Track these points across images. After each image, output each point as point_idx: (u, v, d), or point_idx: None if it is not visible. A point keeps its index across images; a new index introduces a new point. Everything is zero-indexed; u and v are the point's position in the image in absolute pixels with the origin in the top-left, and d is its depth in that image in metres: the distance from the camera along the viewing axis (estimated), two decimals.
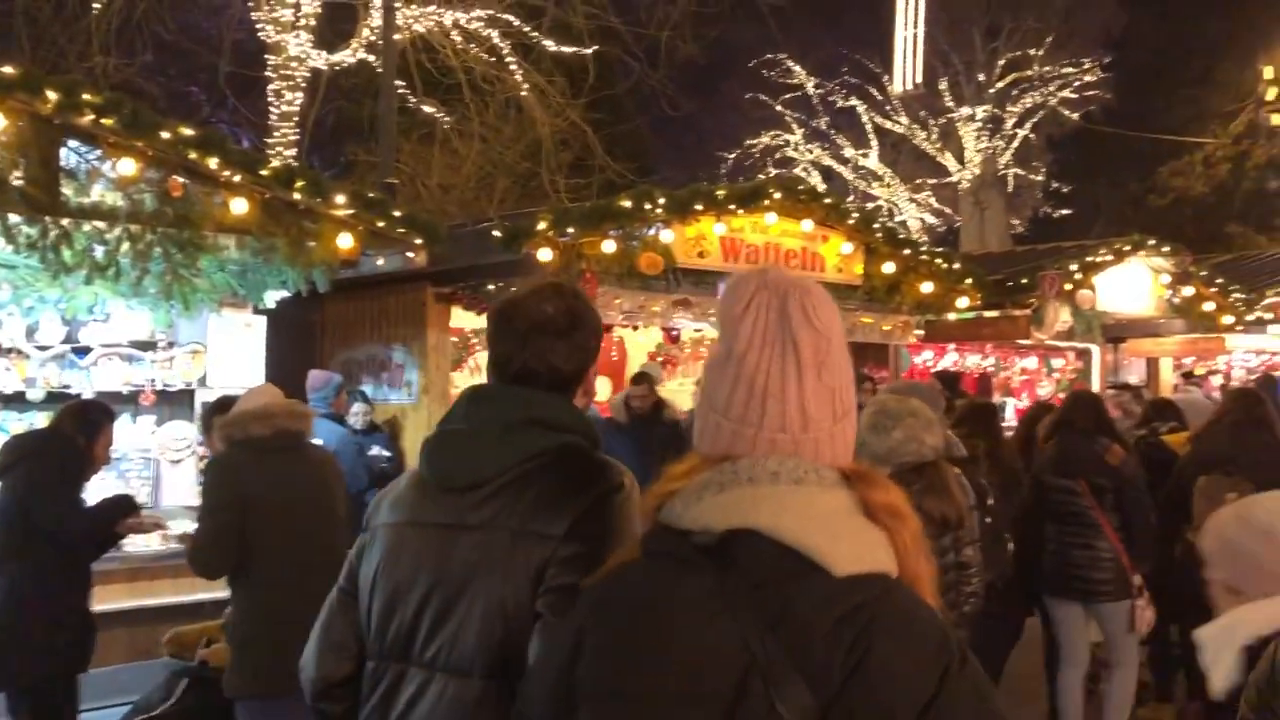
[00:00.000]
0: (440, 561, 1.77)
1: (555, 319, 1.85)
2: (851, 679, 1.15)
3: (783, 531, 1.24)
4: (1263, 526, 2.31)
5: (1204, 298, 12.25)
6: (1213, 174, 28.22)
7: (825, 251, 8.87)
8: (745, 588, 1.23)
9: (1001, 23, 27.98)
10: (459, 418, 1.88)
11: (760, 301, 1.34)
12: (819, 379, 1.32)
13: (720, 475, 1.30)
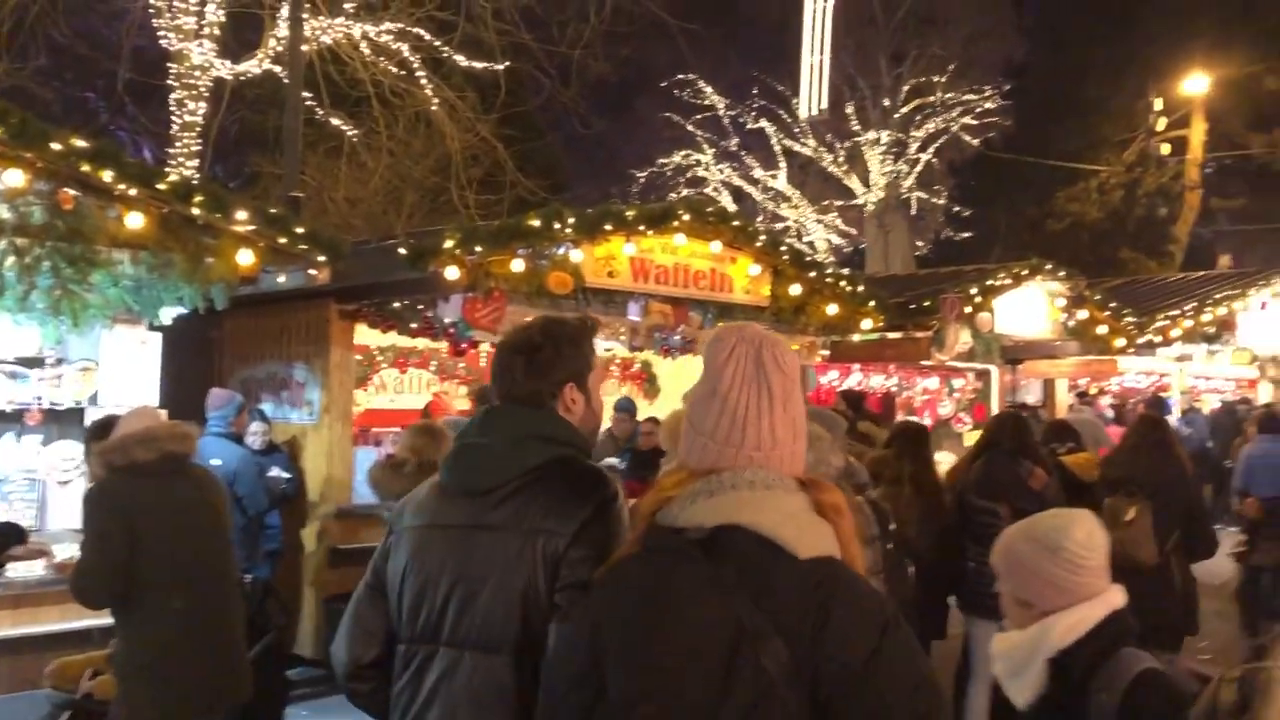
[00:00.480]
0: (463, 557, 2.08)
1: (539, 345, 2.20)
2: (817, 636, 1.55)
3: (760, 526, 1.64)
4: (1047, 543, 2.39)
5: (1097, 321, 12.67)
6: (1107, 200, 29.29)
7: (734, 273, 8.95)
8: (732, 570, 1.61)
9: (906, 49, 28.72)
10: (475, 433, 2.20)
11: (740, 352, 1.77)
12: (784, 410, 1.76)
13: (709, 484, 1.70)
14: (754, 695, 1.53)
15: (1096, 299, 12.73)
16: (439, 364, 10.10)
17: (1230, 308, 14.88)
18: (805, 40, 14.50)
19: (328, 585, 7.30)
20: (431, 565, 2.11)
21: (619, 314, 8.24)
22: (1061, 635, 2.32)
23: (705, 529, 1.66)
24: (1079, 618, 2.33)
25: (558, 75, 16.33)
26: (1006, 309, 11.89)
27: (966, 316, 11.14)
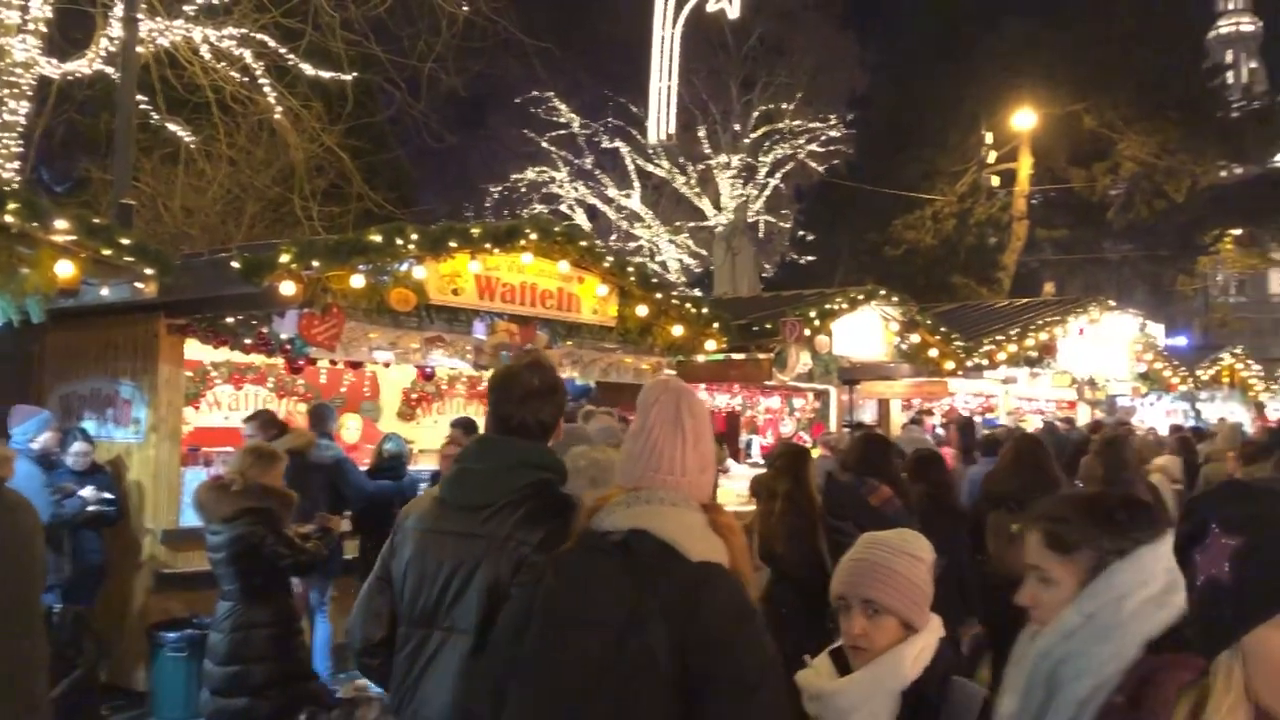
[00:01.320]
0: (456, 558, 2.55)
1: (538, 389, 2.69)
2: (691, 618, 2.02)
3: (662, 532, 2.13)
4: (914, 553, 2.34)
5: (929, 344, 13.24)
6: (941, 228, 30.66)
7: (581, 293, 9.00)
8: (637, 565, 2.10)
9: (756, 76, 29.45)
10: (472, 459, 2.71)
11: (664, 400, 2.29)
12: (694, 447, 2.26)
13: (629, 498, 2.20)
14: (638, 660, 2.02)
15: (928, 323, 13.30)
16: (277, 381, 9.81)
17: (1051, 333, 15.78)
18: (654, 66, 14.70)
19: (152, 612, 6.96)
20: (429, 563, 2.59)
21: (464, 332, 8.17)
22: (913, 665, 2.21)
23: (622, 531, 2.17)
24: (924, 644, 2.25)
25: (408, 88, 16.07)
26: (844, 332, 12.31)
27: (806, 339, 11.50)
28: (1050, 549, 1.89)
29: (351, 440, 9.41)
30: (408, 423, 10.70)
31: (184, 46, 14.34)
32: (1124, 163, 30.03)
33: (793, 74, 28.93)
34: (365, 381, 10.53)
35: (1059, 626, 1.85)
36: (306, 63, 15.00)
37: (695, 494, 2.24)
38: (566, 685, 2.07)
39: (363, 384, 10.52)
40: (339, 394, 10.24)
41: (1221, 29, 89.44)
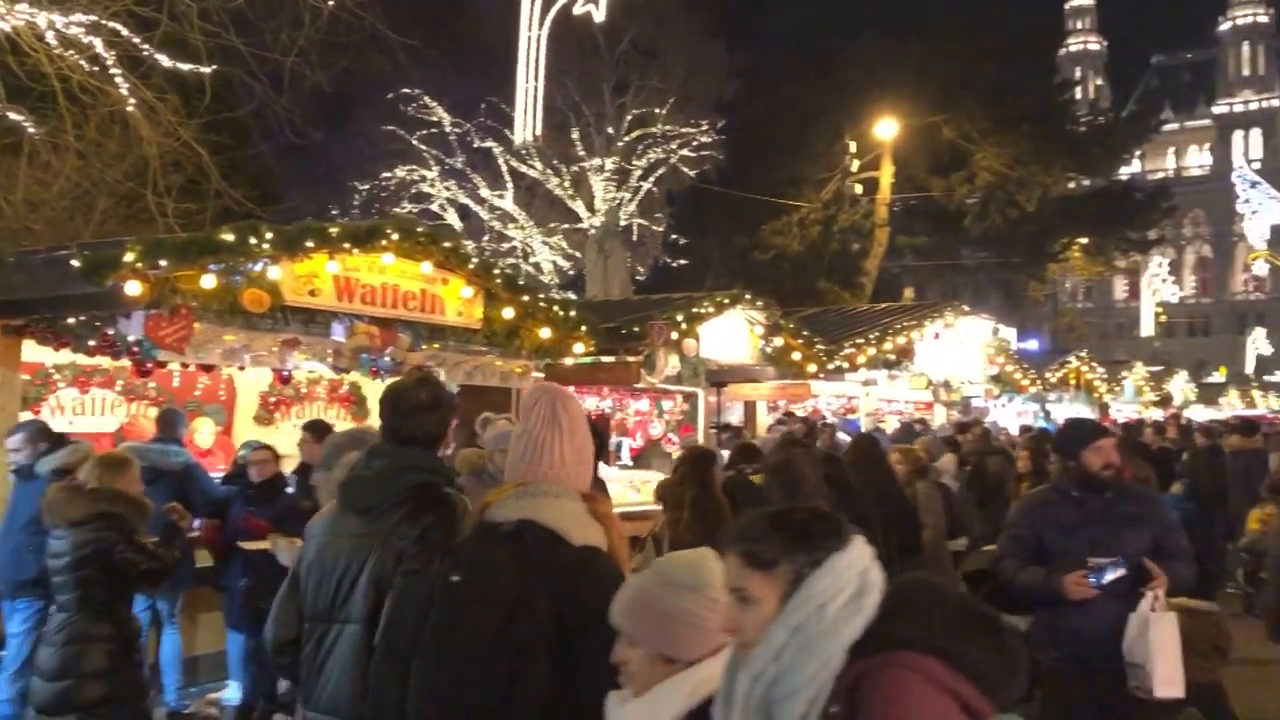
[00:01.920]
0: (350, 556, 2.85)
1: (426, 403, 3.02)
2: (574, 594, 2.36)
3: (548, 521, 2.47)
4: (688, 581, 2.17)
5: (792, 347, 13.54)
6: (807, 234, 31.42)
7: (446, 294, 8.90)
8: (526, 550, 2.43)
9: (629, 80, 29.65)
10: (363, 467, 3.01)
11: (543, 401, 2.62)
12: (570, 443, 2.59)
13: (518, 492, 2.54)
14: (527, 633, 2.36)
15: (791, 327, 13.61)
16: (125, 384, 9.41)
17: (909, 336, 16.32)
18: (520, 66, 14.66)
19: None
20: (328, 564, 2.90)
21: (322, 334, 7.98)
22: (691, 695, 2.10)
23: (513, 522, 2.49)
24: (709, 674, 2.09)
25: (270, 82, 15.61)
26: (711, 335, 12.50)
27: (674, 342, 11.62)
28: (751, 568, 1.89)
29: (205, 445, 9.09)
30: (265, 427, 10.39)
31: (27, 32, 13.63)
32: (980, 173, 31.33)
33: (664, 79, 29.23)
34: (220, 385, 10.19)
35: (768, 647, 1.83)
36: (162, 53, 14.43)
37: (575, 485, 2.59)
38: (465, 657, 2.41)
39: (218, 387, 10.19)
40: (193, 398, 9.89)
41: (1070, 46, 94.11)
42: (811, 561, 1.85)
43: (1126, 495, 4.32)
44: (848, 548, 1.88)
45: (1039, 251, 35.37)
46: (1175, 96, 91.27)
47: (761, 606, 1.86)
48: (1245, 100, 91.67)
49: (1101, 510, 4.22)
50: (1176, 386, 32.05)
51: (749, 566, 1.89)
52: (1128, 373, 27.43)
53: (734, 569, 1.92)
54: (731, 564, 1.93)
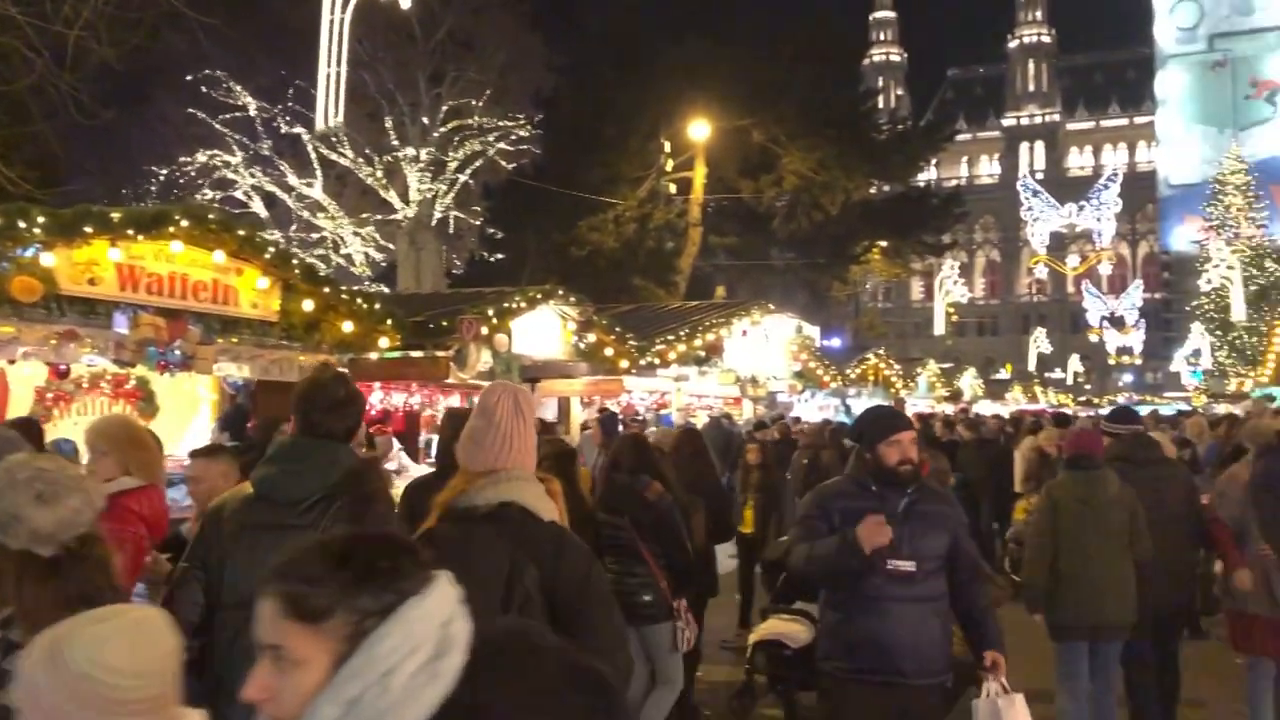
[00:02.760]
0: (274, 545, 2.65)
1: (343, 399, 3.14)
2: (555, 564, 2.75)
3: (525, 501, 2.83)
4: (78, 670, 1.63)
5: (604, 343, 13.65)
6: (622, 232, 31.73)
7: (240, 285, 8.53)
8: (509, 528, 2.76)
9: (445, 71, 29.15)
10: (283, 459, 3.08)
11: (506, 398, 2.96)
12: (530, 433, 2.96)
13: (493, 479, 2.85)
14: (521, 599, 2.67)
15: (604, 323, 13.71)
16: None
17: (718, 333, 16.73)
18: (323, 51, 14.15)
19: None
20: (250, 551, 2.91)
21: (103, 326, 7.52)
22: None
23: (492, 505, 2.81)
24: None
25: (51, 56, 14.60)
26: (524, 331, 12.44)
27: (485, 337, 11.51)
28: (293, 618, 1.38)
29: None
30: (44, 425, 9.69)
31: None
32: (787, 176, 32.40)
33: (481, 70, 28.85)
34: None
35: None
36: None
37: (531, 468, 2.97)
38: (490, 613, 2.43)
39: None
40: None
41: (874, 57, 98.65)
42: (379, 609, 1.38)
43: (926, 494, 4.03)
44: (428, 591, 1.42)
45: (842, 253, 36.88)
46: (969, 108, 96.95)
47: (306, 672, 1.37)
48: (1030, 114, 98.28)
49: (904, 509, 3.90)
50: (966, 383, 34.11)
51: (291, 617, 1.38)
52: (922, 369, 28.97)
53: (270, 620, 1.40)
54: (267, 612, 1.41)
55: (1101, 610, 5.52)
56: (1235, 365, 48.91)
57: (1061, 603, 5.57)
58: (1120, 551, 5.52)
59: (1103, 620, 5.54)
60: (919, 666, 3.85)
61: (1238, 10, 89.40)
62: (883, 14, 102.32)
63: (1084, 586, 5.49)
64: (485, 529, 2.77)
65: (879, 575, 3.82)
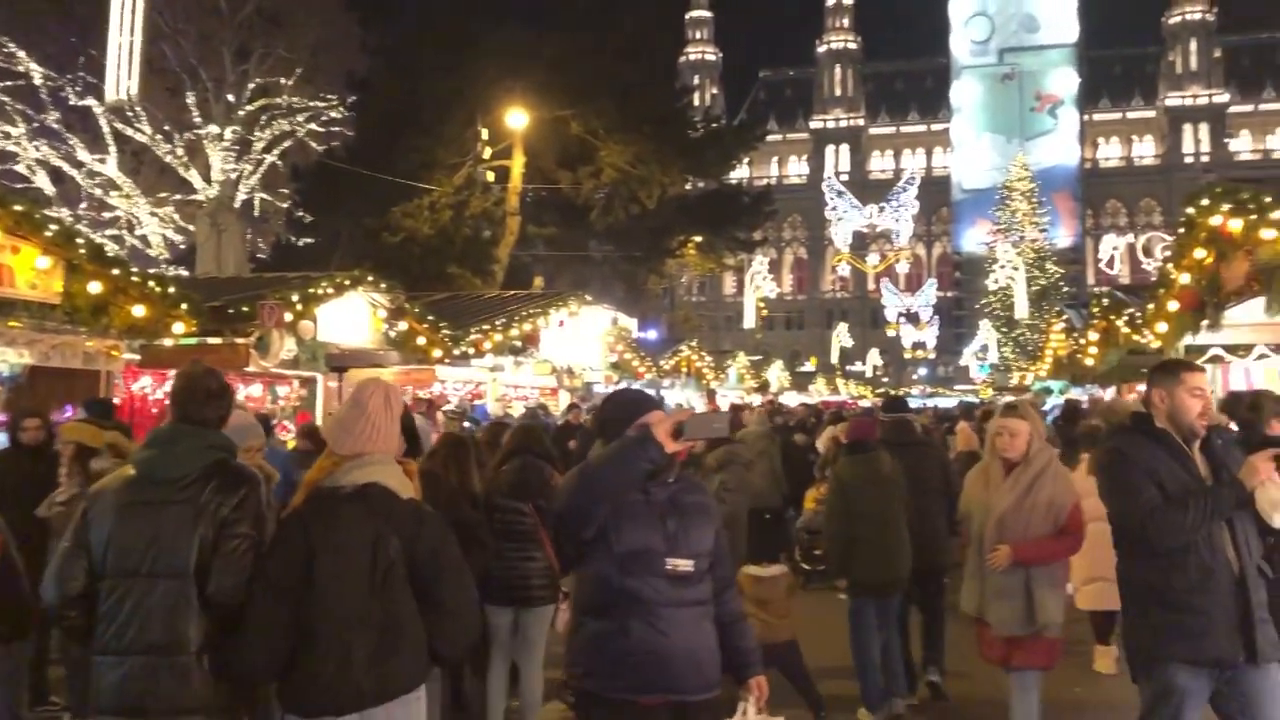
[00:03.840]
0: (154, 519, 3.28)
1: (215, 391, 3.54)
2: (416, 534, 3.24)
3: (387, 482, 3.28)
4: None
5: (416, 332, 13.46)
6: (438, 219, 31.28)
7: (16, 264, 7.97)
8: (374, 506, 3.22)
9: (252, 46, 27.98)
10: (162, 443, 3.44)
11: (378, 391, 3.42)
12: (396, 423, 3.40)
13: (359, 461, 3.28)
14: (386, 566, 3.18)
15: (416, 311, 13.52)
16: None
17: (535, 324, 16.76)
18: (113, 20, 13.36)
19: None
20: (133, 525, 3.28)
21: None
22: None
23: (358, 485, 3.25)
24: None
25: None
26: (331, 318, 12.14)
27: (288, 324, 11.17)
28: None
29: None
30: None
31: None
32: (605, 169, 32.70)
33: (292, 49, 27.83)
34: None
35: None
36: None
37: (395, 454, 3.41)
38: (352, 589, 3.17)
39: None
40: None
41: (690, 55, 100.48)
42: None
43: (687, 483, 3.58)
44: None
45: (658, 247, 37.53)
46: (779, 110, 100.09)
47: None
48: (837, 118, 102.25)
49: (669, 500, 3.44)
50: (773, 375, 35.35)
51: None
52: (732, 361, 29.86)
53: None
54: None
55: (889, 568, 6.42)
56: (1018, 360, 52.52)
57: (857, 564, 6.43)
58: (897, 518, 6.44)
59: (890, 576, 6.44)
60: (699, 680, 3.38)
61: (1025, 27, 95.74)
62: (698, 13, 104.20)
63: (873, 550, 6.36)
64: (354, 506, 3.23)
65: (656, 576, 3.33)
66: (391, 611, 3.20)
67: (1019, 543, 5.01)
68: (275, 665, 3.20)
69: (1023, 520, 5.03)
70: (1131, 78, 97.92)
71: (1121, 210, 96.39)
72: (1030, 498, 5.04)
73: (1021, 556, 4.99)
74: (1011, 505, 5.04)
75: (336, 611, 3.16)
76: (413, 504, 3.33)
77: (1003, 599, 5.04)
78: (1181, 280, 7.60)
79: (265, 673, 3.26)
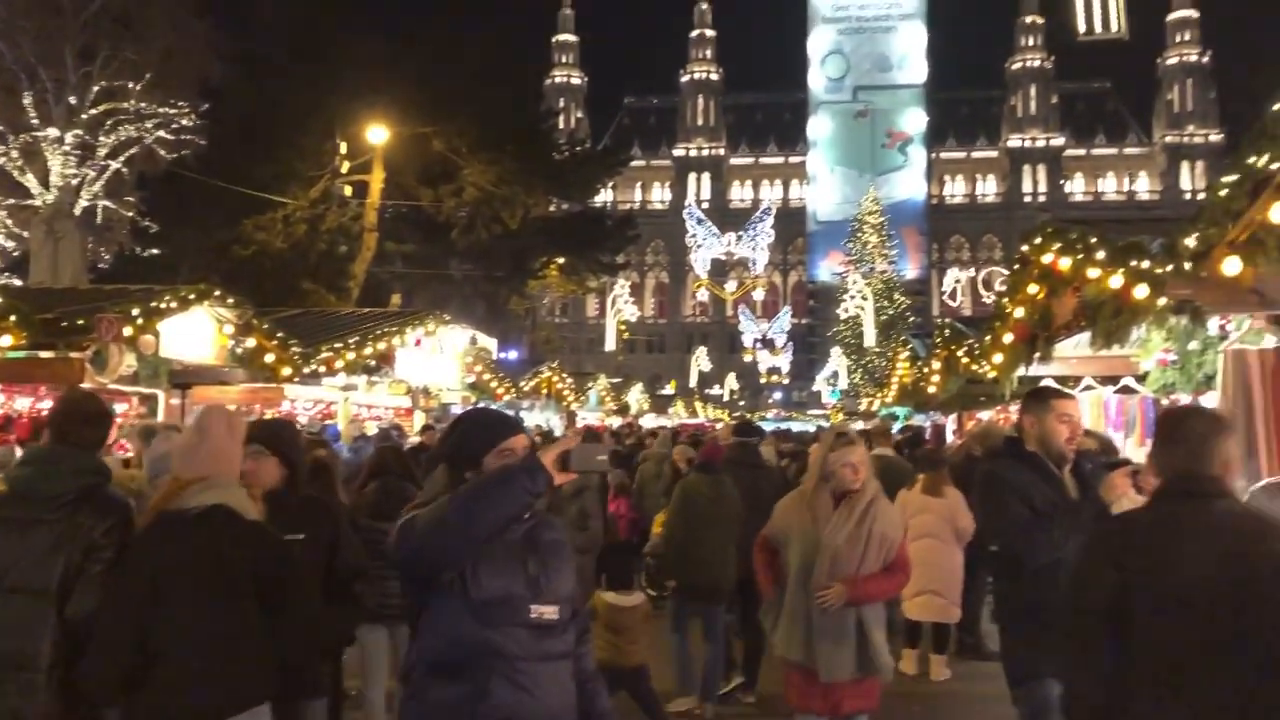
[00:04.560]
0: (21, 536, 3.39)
1: (95, 414, 3.68)
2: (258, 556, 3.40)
3: (231, 504, 3.42)
4: None
5: (265, 349, 13.04)
6: (292, 232, 30.46)
7: None
8: (218, 526, 3.34)
9: (98, 47, 26.78)
10: (39, 462, 3.58)
11: (220, 418, 3.65)
12: (238, 449, 3.66)
13: (206, 484, 3.41)
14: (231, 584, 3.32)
15: (265, 328, 13.11)
16: None
17: (390, 343, 16.42)
18: None
19: None
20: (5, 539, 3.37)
21: None
22: None
23: (203, 507, 3.36)
24: None
25: None
26: (174, 333, 11.66)
27: (128, 338, 10.69)
28: None
29: None
30: None
31: None
32: (468, 188, 32.46)
33: (142, 52, 26.74)
34: None
35: None
36: None
37: (236, 479, 3.58)
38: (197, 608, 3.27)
39: None
40: None
41: (556, 78, 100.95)
42: None
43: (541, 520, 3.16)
44: None
45: (521, 268, 37.44)
46: (643, 136, 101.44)
47: None
48: (699, 146, 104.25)
49: (526, 538, 3.04)
50: (634, 397, 35.60)
51: None
52: (593, 384, 29.91)
53: None
54: None
55: (717, 578, 7.07)
56: (867, 386, 54.30)
57: (688, 571, 7.12)
58: (729, 535, 7.04)
59: (717, 585, 7.10)
60: None
61: (878, 66, 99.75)
62: (565, 37, 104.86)
63: (704, 560, 7.06)
64: (197, 528, 3.32)
65: (519, 627, 2.94)
66: (237, 629, 3.32)
67: (854, 580, 4.61)
68: (121, 683, 3.26)
69: (857, 556, 4.66)
70: (976, 119, 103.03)
71: (965, 245, 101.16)
72: (863, 531, 4.68)
73: (858, 594, 4.61)
74: (847, 540, 4.66)
75: (182, 630, 3.25)
76: (256, 525, 3.49)
77: (834, 642, 4.62)
78: (1016, 314, 8.01)
79: (111, 690, 3.30)
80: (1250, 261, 4.44)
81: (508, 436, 3.08)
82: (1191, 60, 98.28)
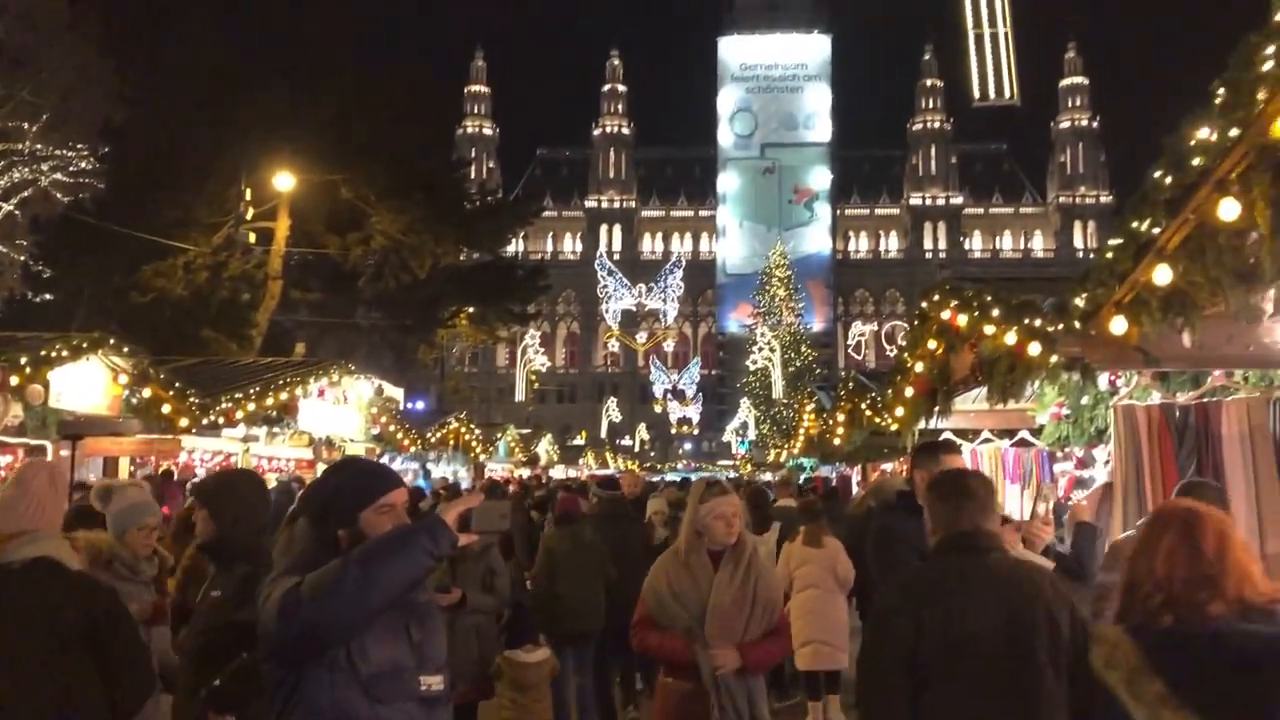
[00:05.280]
0: None
1: None
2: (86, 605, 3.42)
3: (53, 555, 3.43)
4: None
5: (161, 399, 12.67)
6: (193, 279, 29.72)
7: None
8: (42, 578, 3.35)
9: None
10: None
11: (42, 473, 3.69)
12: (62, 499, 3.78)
13: (30, 538, 3.41)
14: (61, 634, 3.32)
15: (161, 378, 12.75)
16: None
17: (293, 393, 16.08)
18: None
19: None
20: None
21: None
22: None
23: (27, 559, 3.36)
24: None
25: None
26: (65, 382, 11.27)
27: (15, 388, 10.30)
28: None
29: None
30: None
31: None
32: (376, 236, 32.11)
33: (38, 92, 26.00)
34: None
35: None
36: None
37: (59, 531, 3.63)
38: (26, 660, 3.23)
39: None
40: None
41: (468, 128, 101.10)
42: None
43: None
44: None
45: (429, 317, 37.04)
46: (555, 187, 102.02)
47: None
48: (611, 198, 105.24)
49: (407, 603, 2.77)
50: (543, 448, 35.37)
51: None
52: (502, 434, 29.64)
53: None
54: None
55: (583, 620, 7.49)
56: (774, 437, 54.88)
57: (559, 618, 7.47)
58: (595, 580, 7.54)
59: (586, 628, 7.51)
60: None
61: (785, 124, 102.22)
62: (477, 88, 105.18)
63: (571, 605, 7.47)
64: (22, 580, 3.32)
65: (409, 700, 2.73)
66: (68, 678, 3.32)
67: (744, 645, 4.24)
68: None
69: (744, 618, 4.28)
70: (879, 177, 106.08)
71: (869, 299, 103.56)
72: (748, 593, 4.30)
73: (751, 660, 4.24)
74: (733, 601, 4.28)
75: (13, 682, 3.23)
76: (82, 575, 3.56)
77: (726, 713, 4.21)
78: (916, 368, 8.20)
79: None
80: (1135, 321, 4.62)
81: (387, 491, 2.82)
82: (1083, 125, 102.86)
